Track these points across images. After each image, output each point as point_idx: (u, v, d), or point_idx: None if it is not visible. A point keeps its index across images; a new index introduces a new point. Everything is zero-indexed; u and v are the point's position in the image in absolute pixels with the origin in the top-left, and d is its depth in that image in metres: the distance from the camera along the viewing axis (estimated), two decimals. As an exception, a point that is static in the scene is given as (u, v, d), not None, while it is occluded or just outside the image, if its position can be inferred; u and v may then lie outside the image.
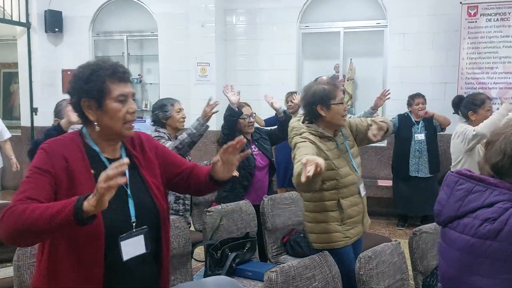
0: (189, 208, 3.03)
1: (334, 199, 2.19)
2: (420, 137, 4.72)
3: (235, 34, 5.93)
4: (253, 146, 3.15)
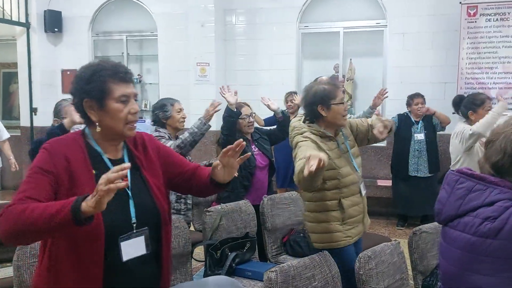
0: (190, 207, 3.04)
1: (335, 199, 2.19)
2: (420, 137, 4.72)
3: (234, 34, 5.93)
4: (253, 146, 3.15)
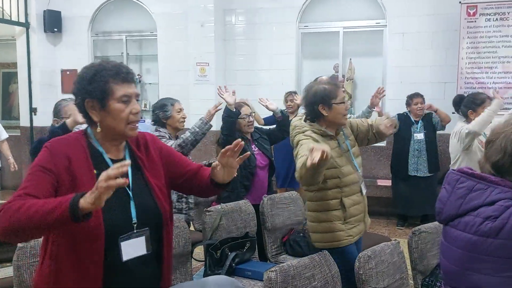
0: (192, 206, 3.03)
1: (337, 198, 2.20)
2: (419, 137, 4.72)
3: (234, 34, 5.92)
4: (253, 146, 3.15)
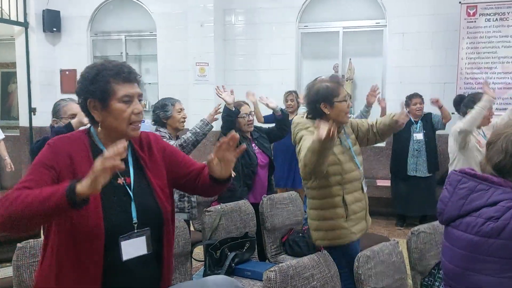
0: (195, 205, 3.01)
1: (339, 195, 2.20)
2: (419, 137, 4.72)
3: (234, 34, 5.92)
4: (253, 145, 3.17)
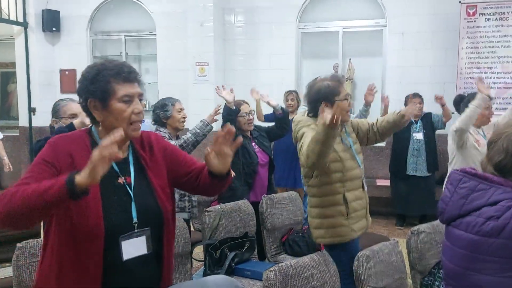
0: (195, 204, 3.00)
1: (340, 193, 2.20)
2: (419, 136, 4.72)
3: (233, 34, 5.92)
4: (253, 144, 3.17)
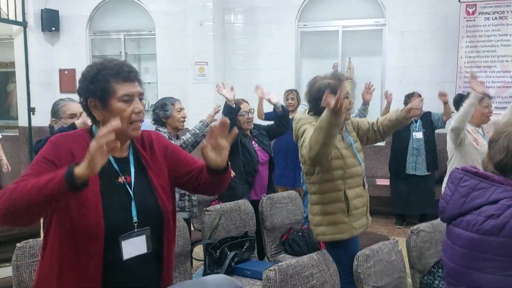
0: (196, 203, 3.00)
1: (341, 190, 2.20)
2: (418, 136, 4.72)
3: (233, 33, 5.92)
4: (253, 142, 3.17)
